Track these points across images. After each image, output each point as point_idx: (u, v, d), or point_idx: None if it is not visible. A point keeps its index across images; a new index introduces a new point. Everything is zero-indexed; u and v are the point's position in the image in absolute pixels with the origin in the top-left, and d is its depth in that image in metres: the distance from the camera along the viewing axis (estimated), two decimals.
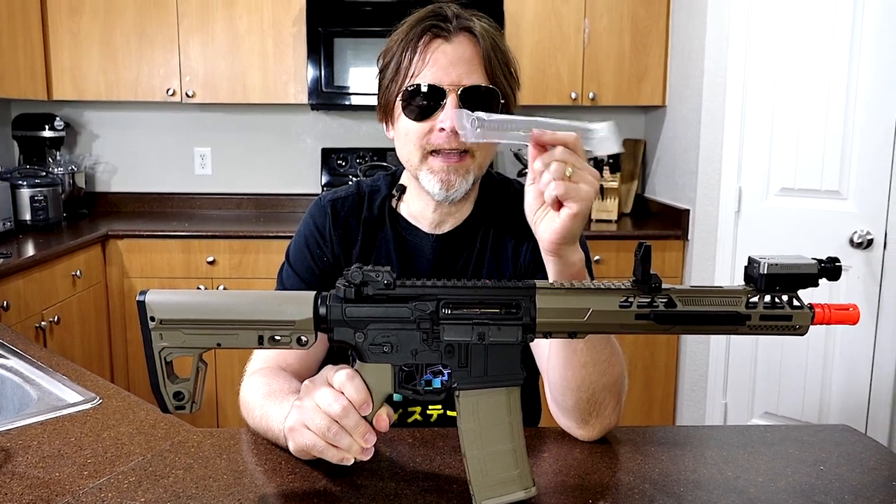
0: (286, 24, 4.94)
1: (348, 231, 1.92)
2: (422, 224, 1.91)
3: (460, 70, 1.70)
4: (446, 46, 1.71)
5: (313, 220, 1.94)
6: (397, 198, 1.93)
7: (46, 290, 3.98)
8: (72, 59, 4.94)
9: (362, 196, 1.95)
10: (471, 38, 1.73)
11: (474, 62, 1.72)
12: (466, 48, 1.72)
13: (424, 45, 1.71)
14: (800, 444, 1.66)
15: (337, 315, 1.29)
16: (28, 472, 1.49)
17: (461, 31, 1.73)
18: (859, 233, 3.73)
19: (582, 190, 1.32)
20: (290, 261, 1.94)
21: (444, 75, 1.70)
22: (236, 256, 4.65)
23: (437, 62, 1.70)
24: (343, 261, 1.90)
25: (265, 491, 1.42)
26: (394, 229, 1.92)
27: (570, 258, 1.40)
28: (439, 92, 1.70)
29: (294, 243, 1.96)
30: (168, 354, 1.30)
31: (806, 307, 1.28)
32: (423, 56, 1.71)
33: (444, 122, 1.69)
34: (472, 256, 1.91)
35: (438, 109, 1.71)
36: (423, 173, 1.76)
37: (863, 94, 3.68)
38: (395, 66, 1.75)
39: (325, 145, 5.57)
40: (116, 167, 5.63)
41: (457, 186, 1.76)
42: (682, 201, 4.77)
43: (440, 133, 1.71)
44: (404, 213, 1.93)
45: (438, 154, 1.73)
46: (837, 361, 3.91)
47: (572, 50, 5.03)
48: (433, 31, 1.71)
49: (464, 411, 1.31)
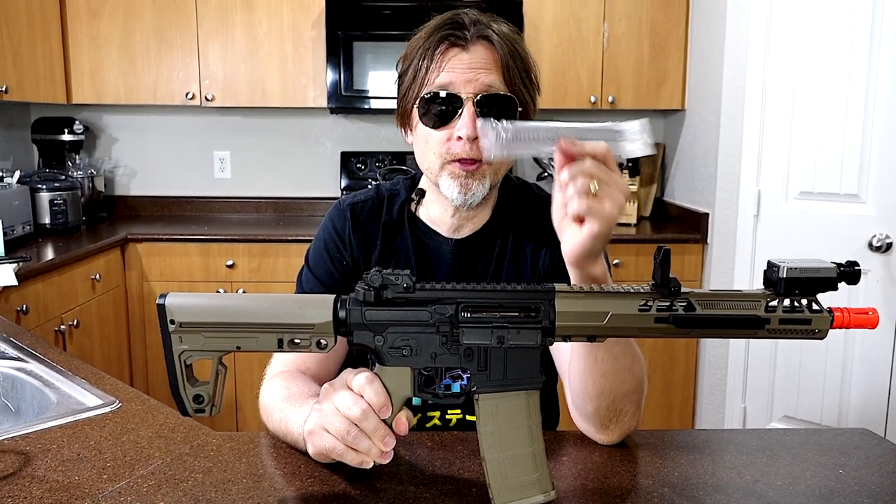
0: (305, 27, 4.95)
1: (368, 235, 1.92)
2: (441, 228, 1.91)
3: (477, 78, 1.70)
4: (463, 55, 1.71)
5: (333, 224, 1.94)
6: (416, 202, 1.93)
7: (66, 294, 3.99)
8: (91, 62, 4.96)
9: (381, 200, 1.95)
10: (488, 46, 1.72)
11: (492, 69, 1.71)
12: (484, 55, 1.71)
13: (441, 54, 1.71)
14: (819, 447, 1.65)
15: (356, 318, 1.29)
16: (47, 475, 1.49)
17: (479, 38, 1.72)
18: (878, 236, 3.71)
19: (605, 209, 1.28)
20: (309, 265, 1.94)
21: (461, 82, 1.69)
22: (255, 260, 4.66)
23: (454, 70, 1.70)
24: (363, 264, 1.90)
25: (284, 494, 1.42)
26: (413, 233, 1.92)
27: (591, 271, 1.39)
28: (456, 100, 1.70)
29: (314, 247, 1.96)
30: (188, 357, 1.30)
31: (825, 311, 1.27)
32: (439, 64, 1.71)
33: (462, 130, 1.69)
34: (492, 261, 1.90)
35: (456, 117, 1.70)
36: (443, 179, 1.76)
37: (882, 97, 3.67)
38: (412, 73, 1.74)
39: (344, 149, 5.58)
40: (136, 171, 5.65)
41: (474, 191, 1.75)
42: (701, 205, 4.76)
43: (458, 142, 1.70)
44: (423, 217, 1.93)
45: (457, 161, 1.73)
46: (856, 365, 3.90)
47: (591, 54, 5.02)
48: (450, 39, 1.71)
49: (483, 415, 1.31)
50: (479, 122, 1.46)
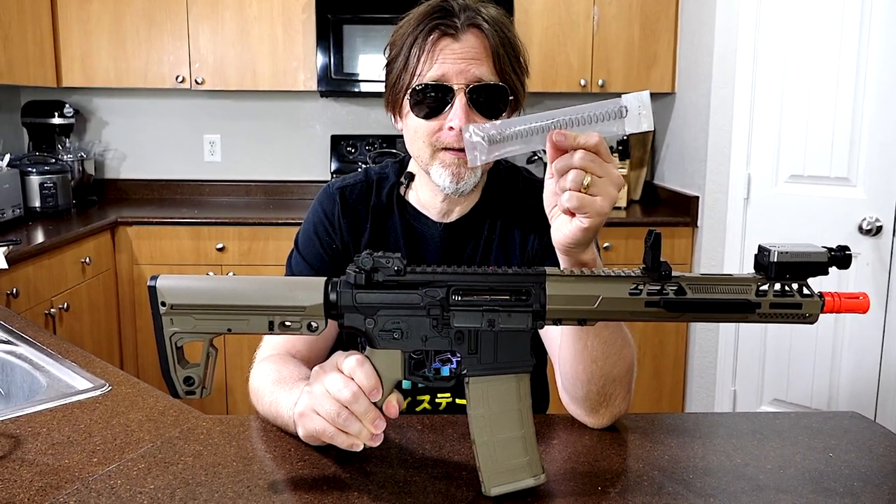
0: (296, 10, 4.94)
1: (357, 218, 1.92)
2: (430, 212, 1.91)
3: (469, 68, 1.69)
4: (454, 44, 1.70)
5: (322, 208, 1.94)
6: (406, 185, 1.93)
7: (56, 277, 3.99)
8: (81, 46, 4.95)
9: (370, 183, 1.95)
10: (478, 34, 1.71)
11: (483, 59, 1.71)
12: (475, 45, 1.71)
13: (432, 44, 1.70)
14: (809, 430, 1.66)
15: (347, 301, 1.29)
16: (37, 458, 1.49)
17: (469, 27, 1.71)
18: (868, 220, 3.72)
19: (597, 204, 1.29)
20: (298, 248, 1.95)
21: (453, 73, 1.69)
22: (245, 243, 4.66)
23: (446, 60, 1.69)
24: (352, 248, 1.90)
25: (275, 478, 1.42)
26: (402, 217, 1.92)
27: (580, 258, 1.39)
28: (448, 91, 1.69)
29: (303, 231, 1.96)
30: (179, 340, 1.30)
31: (816, 296, 1.27)
32: (430, 54, 1.70)
33: (454, 121, 1.68)
34: (480, 244, 1.91)
35: (448, 107, 1.70)
36: (434, 167, 1.76)
37: (872, 80, 3.67)
38: (402, 61, 1.73)
39: (334, 132, 5.57)
40: (126, 154, 5.64)
41: (466, 179, 1.75)
42: (691, 188, 4.77)
43: (449, 132, 1.70)
44: (412, 200, 1.93)
45: (448, 149, 1.73)
46: (846, 348, 3.91)
47: (581, 37, 5.02)
48: (441, 28, 1.69)
49: (473, 398, 1.31)
50: (463, 130, 1.44)
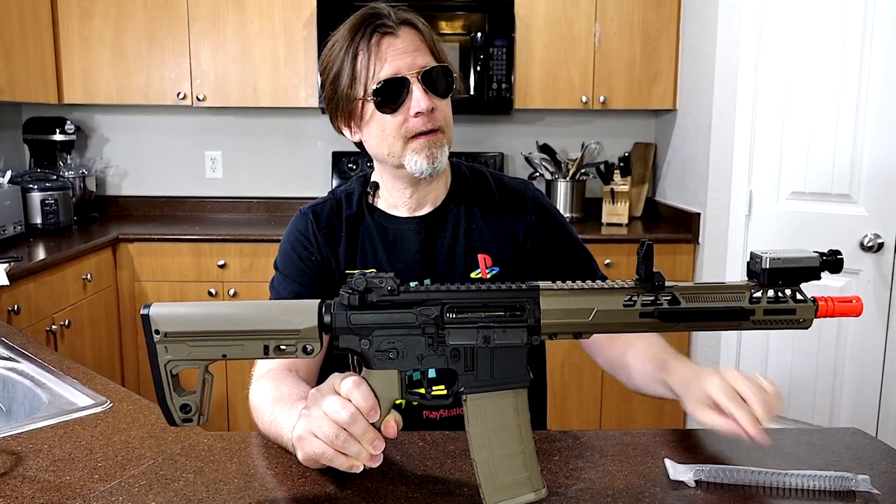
0: (297, 27, 4.95)
1: (331, 230, 1.97)
2: (401, 211, 1.97)
3: (415, 59, 1.79)
4: (395, 41, 1.80)
5: (296, 228, 2.00)
6: (372, 194, 1.99)
7: (57, 294, 3.99)
8: (83, 62, 4.96)
9: (339, 200, 2.02)
10: (411, 29, 1.83)
11: (422, 49, 1.83)
12: (413, 38, 1.82)
13: (376, 45, 1.78)
14: (810, 447, 1.66)
15: (342, 322, 1.30)
16: (39, 475, 1.49)
17: (402, 24, 1.81)
18: (870, 236, 3.72)
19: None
20: (279, 269, 2.00)
21: (404, 66, 1.78)
22: (247, 260, 4.66)
23: (395, 57, 1.78)
24: (332, 259, 1.95)
25: (275, 495, 1.42)
26: (374, 221, 1.98)
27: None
28: (404, 82, 1.78)
29: (281, 252, 2.01)
30: (174, 367, 1.30)
31: (809, 300, 1.29)
32: (379, 55, 1.78)
33: (419, 105, 1.77)
34: (460, 230, 1.97)
35: (407, 98, 1.78)
36: (408, 157, 1.82)
37: (873, 97, 3.68)
38: (349, 73, 1.80)
39: (335, 149, 5.57)
40: (127, 171, 5.65)
41: (440, 158, 1.83)
42: (692, 205, 4.77)
43: (416, 118, 1.79)
44: (381, 206, 1.99)
45: (417, 136, 1.80)
46: (848, 365, 3.90)
47: (583, 54, 5.03)
48: (380, 30, 1.79)
49: (472, 415, 1.31)
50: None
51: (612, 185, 5.11)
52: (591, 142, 5.36)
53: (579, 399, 4.67)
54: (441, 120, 1.82)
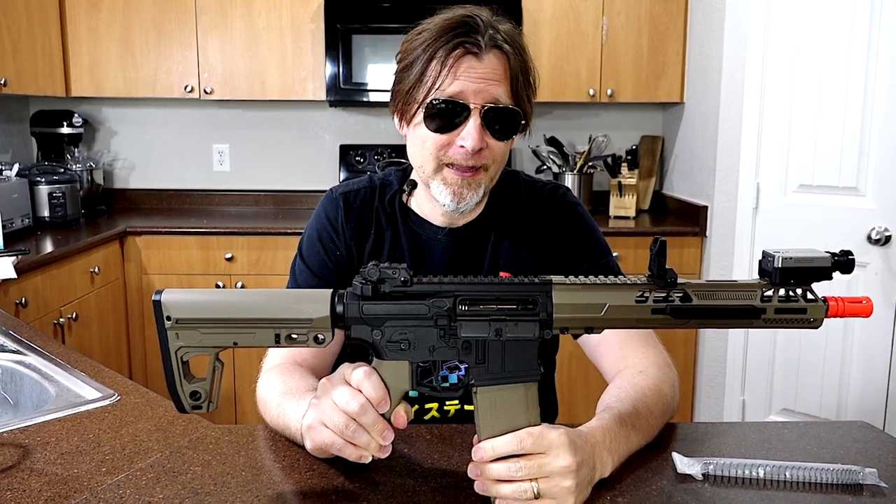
0: (304, 20, 4.95)
1: (361, 223, 1.92)
2: (433, 219, 1.90)
3: (487, 88, 1.68)
4: (476, 63, 1.68)
5: (325, 213, 1.94)
6: (408, 192, 1.92)
7: (65, 287, 4.00)
8: (90, 55, 4.96)
9: (374, 189, 1.95)
10: (500, 56, 1.70)
11: (501, 81, 1.69)
12: (496, 66, 1.69)
13: (455, 60, 1.67)
14: (817, 440, 1.65)
15: (354, 313, 1.29)
16: (46, 468, 1.49)
17: (492, 48, 1.69)
18: (877, 229, 3.71)
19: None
20: (302, 255, 1.94)
21: (471, 92, 1.67)
22: (254, 253, 4.67)
23: (468, 79, 1.67)
24: (356, 254, 1.90)
25: (283, 488, 1.42)
26: (406, 224, 1.92)
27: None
28: (464, 108, 1.68)
29: (307, 237, 1.96)
30: (184, 354, 1.30)
31: (820, 300, 1.29)
32: (453, 71, 1.67)
33: (467, 140, 1.67)
34: (487, 252, 1.91)
35: (461, 125, 1.68)
36: (436, 183, 1.76)
37: (881, 89, 3.67)
38: (419, 71, 1.71)
39: (343, 142, 5.58)
40: (135, 164, 5.65)
41: (468, 200, 1.75)
42: (700, 198, 4.77)
43: (460, 149, 1.69)
44: (415, 207, 1.93)
45: (453, 166, 1.72)
46: (855, 358, 3.90)
47: (590, 47, 5.02)
48: (465, 46, 1.67)
49: (481, 407, 1.31)
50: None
51: (619, 178, 5.10)
52: (598, 135, 5.37)
53: (587, 394, 4.66)
54: (488, 158, 1.73)
